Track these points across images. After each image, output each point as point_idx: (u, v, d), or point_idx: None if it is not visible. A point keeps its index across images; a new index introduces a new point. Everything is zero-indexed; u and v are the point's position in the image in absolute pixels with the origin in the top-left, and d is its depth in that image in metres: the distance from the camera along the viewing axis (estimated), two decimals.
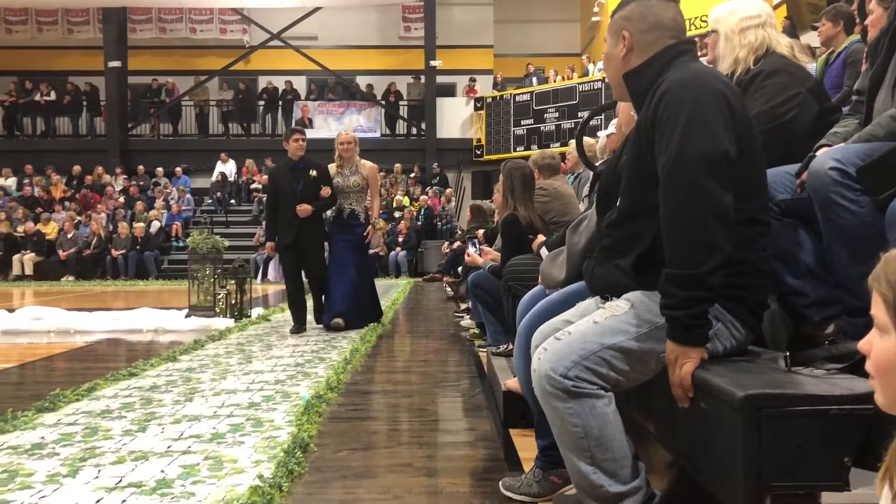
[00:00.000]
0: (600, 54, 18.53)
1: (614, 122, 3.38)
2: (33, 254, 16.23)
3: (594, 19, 19.70)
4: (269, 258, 14.16)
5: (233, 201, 18.90)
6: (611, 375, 1.85)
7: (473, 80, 20.77)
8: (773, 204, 2.17)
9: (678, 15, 2.00)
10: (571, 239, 2.53)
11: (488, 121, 19.72)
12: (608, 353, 1.84)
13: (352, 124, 19.25)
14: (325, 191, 6.63)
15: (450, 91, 21.10)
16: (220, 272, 7.61)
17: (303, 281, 6.84)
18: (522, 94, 19.23)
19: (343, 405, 3.94)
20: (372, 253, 15.71)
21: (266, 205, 7.18)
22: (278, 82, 20.83)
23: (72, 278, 15.77)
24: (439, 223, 17.34)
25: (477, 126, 20.03)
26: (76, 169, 19.22)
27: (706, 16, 9.53)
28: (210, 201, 19.09)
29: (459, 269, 8.91)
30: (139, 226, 16.37)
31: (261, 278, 14.57)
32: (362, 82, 21.25)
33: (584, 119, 5.47)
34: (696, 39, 2.43)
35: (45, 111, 20.36)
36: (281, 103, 20.44)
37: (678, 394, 1.76)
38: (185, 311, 7.58)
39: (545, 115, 18.58)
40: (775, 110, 2.48)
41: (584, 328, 1.89)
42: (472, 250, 5.30)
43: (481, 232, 6.50)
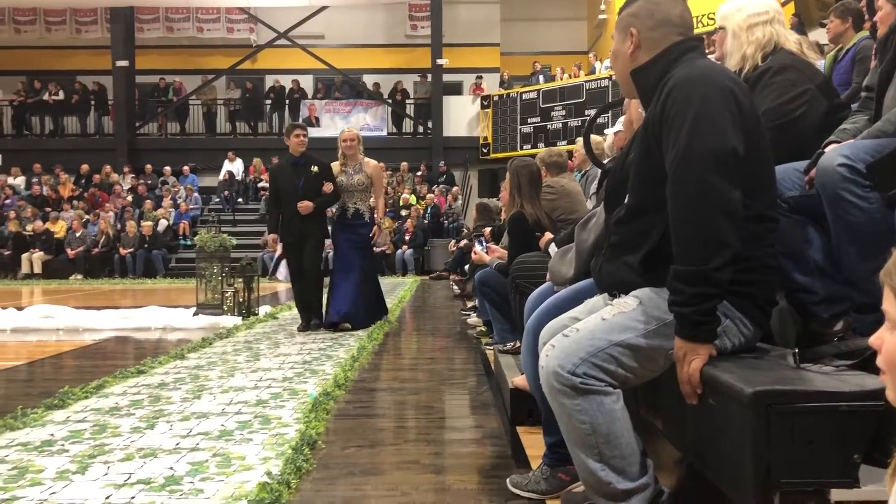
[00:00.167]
0: (607, 52, 18.47)
1: (621, 119, 3.38)
2: (42, 252, 16.29)
3: (601, 17, 19.66)
4: (280, 257, 14.14)
5: (240, 200, 18.94)
6: (619, 372, 1.85)
7: (480, 79, 20.75)
8: (781, 201, 2.16)
9: (686, 12, 2.00)
10: (580, 236, 2.53)
11: (495, 119, 19.71)
12: (616, 350, 1.83)
13: (358, 123, 19.28)
14: (328, 187, 6.54)
15: (456, 89, 21.10)
16: (228, 270, 7.63)
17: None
18: (529, 92, 19.22)
19: (350, 402, 3.94)
20: (378, 251, 15.76)
21: (267, 201, 7.06)
22: (285, 81, 20.87)
23: (80, 277, 15.83)
24: (446, 221, 17.35)
25: (483, 124, 20.02)
26: (84, 168, 19.31)
27: (713, 13, 9.51)
28: (217, 200, 19.12)
29: (466, 268, 8.91)
30: (147, 224, 16.42)
31: (270, 275, 14.59)
32: (369, 81, 21.27)
33: (592, 117, 5.47)
34: (703, 36, 2.43)
35: (54, 110, 20.45)
36: (288, 102, 20.48)
37: (686, 390, 1.76)
38: (193, 310, 7.60)
39: (552, 113, 18.56)
40: (784, 107, 2.47)
41: (592, 325, 1.88)
42: (478, 248, 5.29)
43: (488, 230, 6.50)
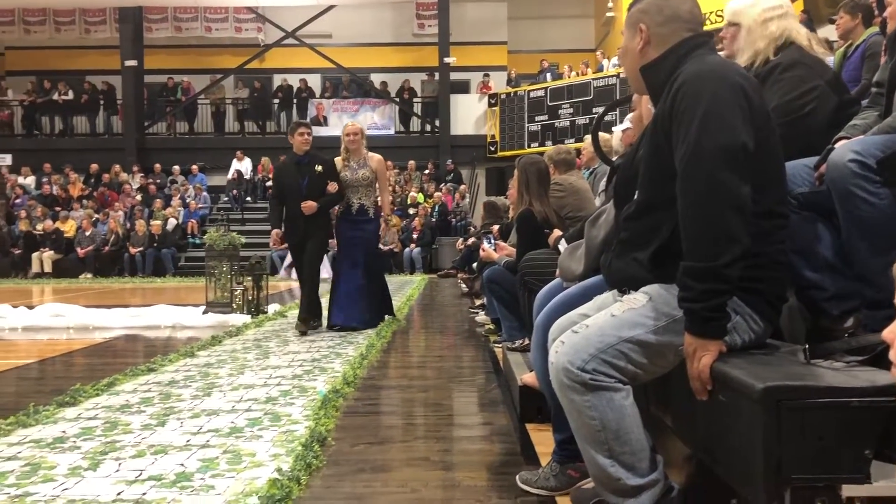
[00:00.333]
0: (615, 50, 18.44)
1: (629, 117, 3.37)
2: (52, 251, 16.37)
3: (608, 15, 19.62)
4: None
5: (249, 199, 18.97)
6: (628, 368, 1.85)
7: (487, 77, 20.74)
8: (790, 197, 2.16)
9: (695, 8, 1.99)
10: (590, 232, 2.53)
11: (502, 117, 19.69)
12: (626, 347, 1.84)
13: (366, 121, 19.28)
14: (332, 186, 6.40)
15: (464, 88, 21.10)
16: (237, 269, 7.66)
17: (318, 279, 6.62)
18: (536, 90, 19.19)
19: (359, 400, 3.95)
20: (387, 249, 15.79)
21: (270, 201, 6.92)
22: (293, 80, 20.90)
23: (90, 276, 15.90)
24: (453, 220, 17.34)
25: (491, 122, 20.01)
26: (94, 167, 19.39)
27: (721, 10, 9.47)
28: (226, 199, 19.18)
29: (474, 266, 8.91)
30: (156, 223, 16.48)
31: (283, 272, 14.65)
32: (376, 80, 21.29)
33: (600, 114, 5.45)
34: (713, 32, 2.42)
35: (63, 110, 20.54)
36: (296, 101, 20.51)
37: (696, 387, 1.76)
38: (203, 308, 7.63)
39: (559, 111, 18.53)
40: (793, 103, 2.46)
41: (601, 321, 1.89)
42: (487, 246, 5.30)
43: (496, 227, 6.50)
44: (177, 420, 3.44)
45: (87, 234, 16.46)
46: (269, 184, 18.61)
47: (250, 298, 7.63)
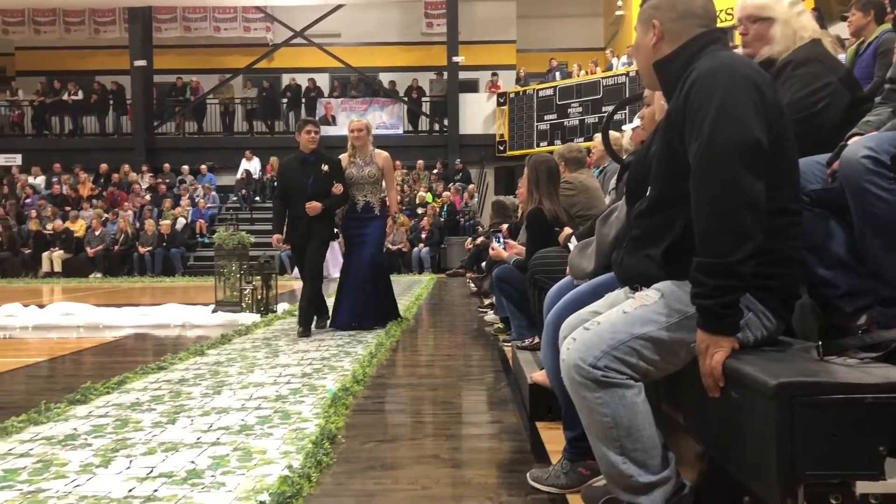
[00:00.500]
0: (624, 48, 18.42)
1: (638, 115, 3.36)
2: (62, 251, 16.46)
3: (617, 13, 19.59)
4: None
5: (257, 198, 19.02)
6: (640, 365, 1.85)
7: (496, 76, 20.73)
8: (803, 194, 2.15)
9: (708, 3, 1.99)
10: (601, 230, 2.53)
11: (511, 116, 19.68)
12: (638, 343, 1.83)
13: (375, 121, 19.29)
14: (337, 188, 6.24)
15: (472, 87, 21.10)
16: (246, 268, 7.68)
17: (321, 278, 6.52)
18: (545, 89, 19.17)
19: (369, 398, 3.96)
20: (395, 249, 15.81)
21: (274, 196, 6.77)
22: (302, 80, 20.95)
23: (99, 275, 15.97)
24: (462, 219, 17.34)
25: (500, 122, 20.00)
26: (103, 167, 19.49)
27: (731, 9, 9.43)
28: (235, 198, 19.25)
29: (483, 265, 8.90)
30: (165, 223, 16.54)
31: (295, 271, 14.66)
32: (385, 79, 21.31)
33: (610, 113, 5.45)
34: (727, 28, 2.41)
35: (73, 110, 20.66)
36: (304, 100, 20.55)
37: (709, 383, 1.75)
38: (212, 307, 7.65)
39: (568, 110, 18.50)
40: (806, 100, 2.45)
41: (613, 318, 1.88)
42: (496, 244, 5.28)
43: (505, 226, 6.49)
44: (187, 418, 3.44)
45: (97, 233, 16.54)
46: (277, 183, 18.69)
47: (259, 297, 7.65)
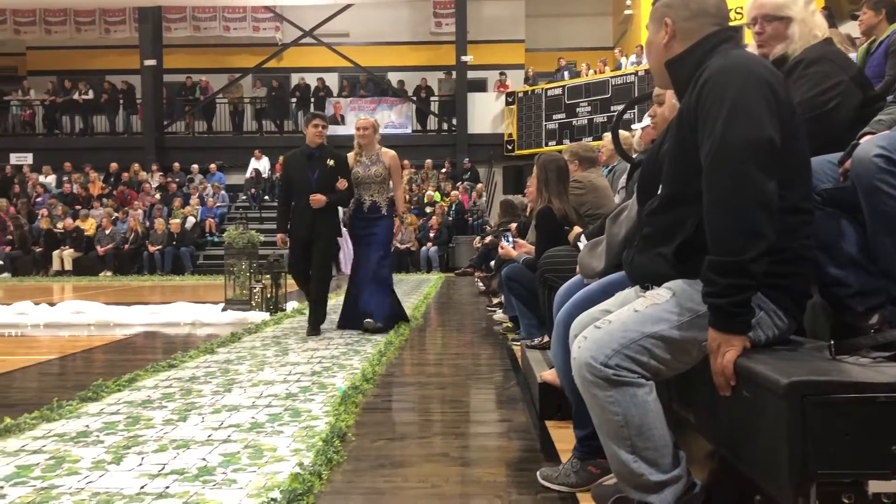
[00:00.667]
0: (632, 47, 18.38)
1: (647, 114, 3.35)
2: (72, 249, 16.55)
3: (626, 12, 19.54)
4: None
5: (266, 197, 19.08)
6: (651, 364, 1.85)
7: (504, 75, 20.72)
8: (815, 193, 2.14)
9: (721, 2, 1.99)
10: (611, 229, 2.53)
11: (520, 115, 19.67)
12: (649, 342, 1.83)
13: (383, 120, 19.31)
14: (342, 183, 6.11)
15: (481, 86, 21.09)
16: (256, 267, 7.70)
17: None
18: (554, 88, 19.15)
19: (378, 396, 3.97)
20: (403, 248, 15.82)
21: (279, 194, 6.56)
22: (311, 79, 21.00)
23: (109, 273, 16.05)
24: (470, 218, 17.35)
25: (508, 121, 19.99)
26: (113, 166, 19.58)
27: (741, 8, 9.38)
28: (244, 197, 19.31)
29: (492, 264, 8.90)
30: (175, 222, 16.61)
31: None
32: (394, 78, 21.34)
33: (620, 112, 5.44)
34: (739, 27, 2.40)
35: (84, 110, 20.76)
36: (313, 100, 20.59)
37: (720, 382, 1.75)
38: (222, 305, 7.68)
39: (577, 110, 18.48)
40: (817, 99, 2.44)
41: (624, 317, 1.88)
42: (505, 243, 5.29)
43: (514, 225, 6.49)
44: (198, 415, 3.46)
45: (107, 232, 16.61)
46: None
47: (269, 296, 7.68)
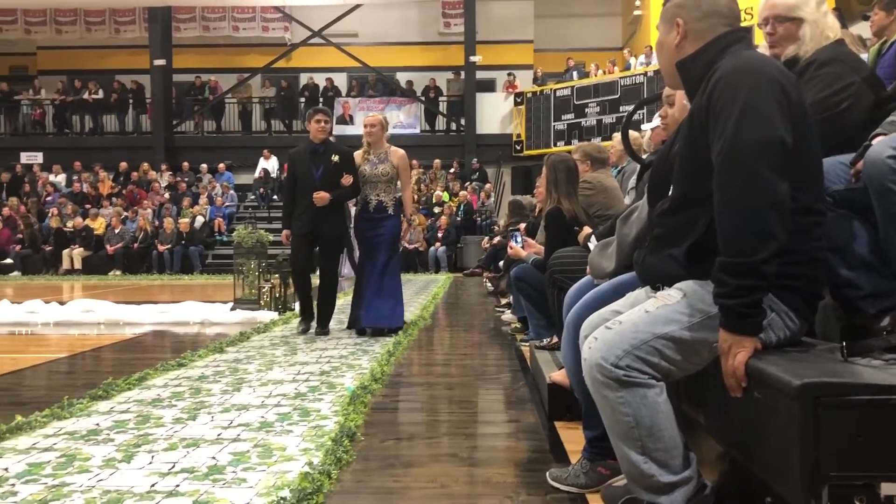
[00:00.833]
0: (642, 48, 18.34)
1: (657, 115, 3.35)
2: (82, 248, 16.61)
3: (636, 13, 19.50)
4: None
5: (275, 197, 19.08)
6: (662, 365, 1.85)
7: (513, 76, 20.71)
8: (826, 195, 2.13)
9: (733, 3, 1.98)
10: (621, 230, 2.52)
11: (528, 116, 19.65)
12: (660, 343, 1.83)
13: (392, 120, 19.30)
14: (347, 179, 5.96)
15: (489, 86, 21.08)
16: (265, 266, 7.72)
17: (311, 276, 6.24)
18: (563, 88, 19.13)
19: (387, 396, 3.97)
20: (412, 248, 15.82)
21: (283, 190, 6.41)
22: (319, 79, 21.04)
23: (119, 272, 16.11)
24: (478, 219, 17.35)
25: (517, 121, 19.98)
26: (123, 165, 19.65)
27: (750, 8, 9.35)
28: (253, 197, 19.35)
29: (500, 264, 8.90)
30: (184, 221, 16.66)
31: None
32: (402, 78, 21.35)
33: (630, 112, 5.44)
34: (750, 28, 2.39)
35: (93, 109, 20.86)
36: (322, 100, 20.57)
37: (731, 383, 1.75)
38: (230, 305, 7.70)
39: (586, 110, 18.46)
40: (829, 100, 2.43)
41: (635, 317, 1.88)
42: (514, 244, 5.28)
43: (523, 225, 6.48)
44: (207, 414, 3.47)
45: (117, 231, 16.68)
46: None
47: (277, 296, 7.69)
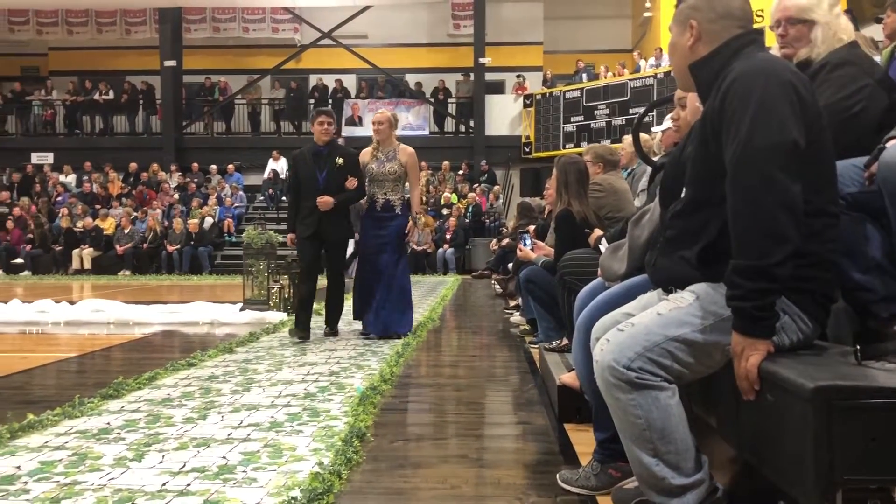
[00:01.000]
0: (651, 50, 18.31)
1: (668, 117, 3.34)
2: (92, 248, 16.69)
3: (646, 15, 19.47)
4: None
5: (284, 198, 19.11)
6: (674, 367, 1.84)
7: (522, 77, 20.70)
8: (840, 198, 2.12)
9: (746, 4, 1.98)
10: (633, 232, 2.52)
11: (537, 118, 19.64)
12: (672, 345, 1.83)
13: (401, 122, 19.30)
14: (351, 182, 5.83)
15: (499, 88, 21.10)
16: (274, 267, 7.74)
17: (317, 279, 6.11)
18: (572, 90, 19.11)
19: (396, 397, 3.97)
20: (420, 249, 15.83)
21: (288, 193, 6.34)
22: (329, 81, 21.10)
23: (128, 272, 16.17)
24: (487, 220, 17.35)
25: (526, 123, 19.97)
26: (133, 166, 19.75)
27: (761, 10, 9.31)
28: (262, 198, 19.41)
29: (509, 266, 8.89)
30: (193, 222, 16.71)
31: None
32: (411, 80, 21.39)
33: (641, 114, 5.44)
34: (763, 30, 2.39)
35: (104, 110, 20.98)
36: (331, 101, 20.64)
37: (744, 386, 1.74)
38: (240, 305, 7.72)
39: (595, 112, 18.43)
40: (842, 102, 2.42)
41: (647, 320, 1.88)
42: (524, 245, 5.28)
43: (532, 227, 6.48)
44: (217, 414, 3.48)
45: (126, 231, 16.75)
46: None
47: (287, 296, 7.71)
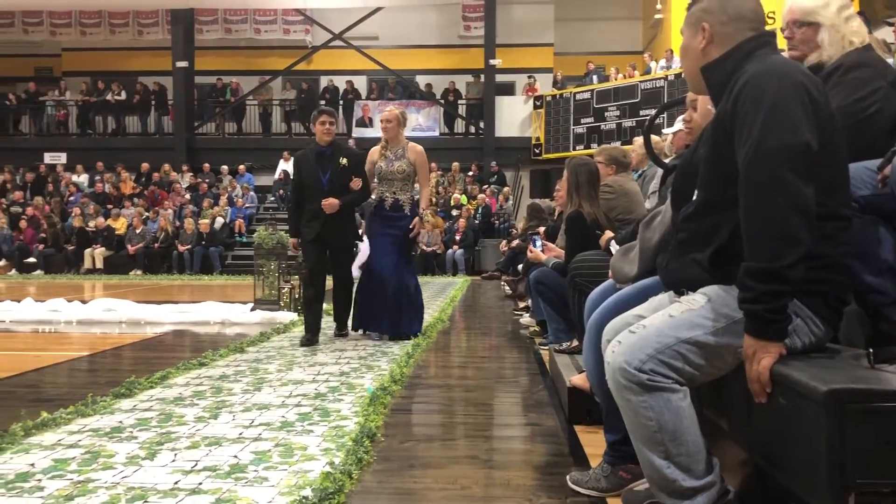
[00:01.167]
0: (662, 52, 18.26)
1: (679, 119, 3.34)
2: (104, 248, 16.78)
3: (657, 17, 19.42)
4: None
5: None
6: (686, 370, 1.84)
7: (533, 79, 20.68)
8: (852, 200, 2.12)
9: (758, 7, 1.98)
10: (644, 234, 2.52)
11: (547, 119, 19.62)
12: (684, 348, 1.83)
13: (411, 123, 19.35)
14: (356, 183, 5.71)
15: (509, 90, 21.08)
16: (285, 267, 7.76)
17: (325, 281, 5.96)
18: (583, 92, 19.08)
19: (406, 398, 3.98)
20: (430, 250, 15.84)
21: (290, 195, 6.22)
22: (339, 82, 21.15)
23: (139, 272, 16.25)
24: (497, 222, 17.35)
25: (536, 125, 19.95)
26: (144, 166, 19.84)
27: (773, 12, 9.27)
28: (273, 198, 19.46)
29: (519, 267, 8.89)
30: (204, 222, 16.77)
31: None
32: (422, 81, 21.41)
33: (652, 116, 5.43)
34: (775, 32, 2.38)
35: (116, 110, 21.10)
36: (342, 102, 20.71)
37: (756, 389, 1.74)
38: (251, 305, 7.75)
39: (606, 114, 18.40)
40: (855, 105, 2.41)
41: (659, 322, 1.88)
42: (534, 247, 5.28)
43: (543, 229, 6.48)
44: (229, 413, 3.50)
45: (138, 231, 16.84)
46: None
47: (297, 296, 7.73)
